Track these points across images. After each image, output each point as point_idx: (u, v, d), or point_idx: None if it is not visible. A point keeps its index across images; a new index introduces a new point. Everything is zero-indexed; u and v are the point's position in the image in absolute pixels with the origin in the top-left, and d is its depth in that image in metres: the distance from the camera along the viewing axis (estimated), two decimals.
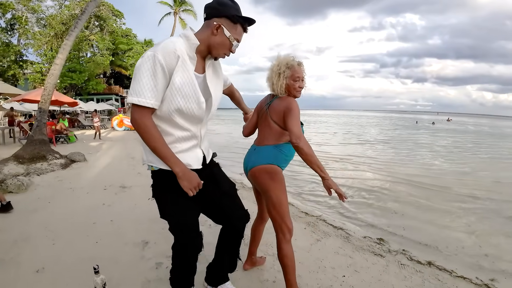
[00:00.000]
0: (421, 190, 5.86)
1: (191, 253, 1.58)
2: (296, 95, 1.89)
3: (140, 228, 3.13)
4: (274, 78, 1.85)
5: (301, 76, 1.86)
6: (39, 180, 5.10)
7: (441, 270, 2.63)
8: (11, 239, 2.81)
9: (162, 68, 1.26)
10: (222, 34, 1.38)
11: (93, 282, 1.80)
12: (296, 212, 3.91)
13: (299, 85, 1.86)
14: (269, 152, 1.86)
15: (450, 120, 58.68)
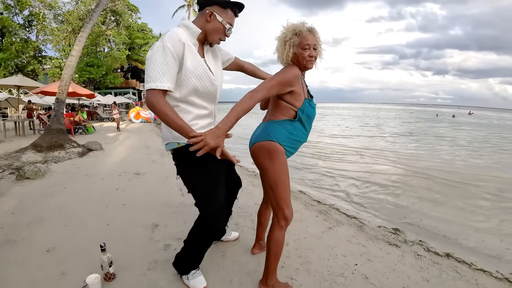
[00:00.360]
0: (442, 183, 5.63)
1: (219, 225, 1.67)
2: (307, 66, 1.65)
3: (151, 211, 3.15)
4: (280, 47, 1.66)
5: (311, 44, 1.61)
6: (56, 167, 5.23)
7: (460, 262, 2.49)
8: (24, 222, 2.88)
9: (172, 55, 1.39)
10: (215, 20, 1.51)
11: (99, 260, 1.81)
12: (308, 200, 3.83)
13: (309, 53, 1.61)
14: (271, 127, 1.67)
15: (472, 113, 56.39)
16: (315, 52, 1.64)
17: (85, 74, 24.64)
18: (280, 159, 1.63)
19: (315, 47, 1.63)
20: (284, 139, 1.64)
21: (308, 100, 1.67)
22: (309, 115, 1.69)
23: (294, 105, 1.64)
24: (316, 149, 9.05)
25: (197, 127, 1.58)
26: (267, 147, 1.63)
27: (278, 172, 1.63)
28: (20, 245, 2.42)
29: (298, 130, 1.69)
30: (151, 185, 4.19)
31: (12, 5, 23.59)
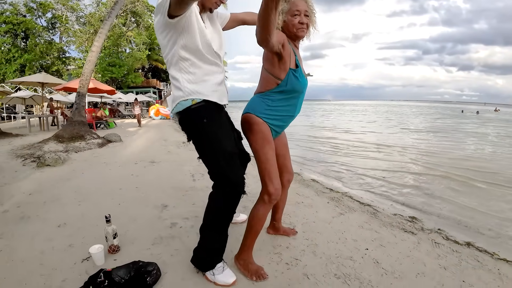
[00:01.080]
0: (464, 173, 5.37)
1: (242, 190, 1.60)
2: (298, 34, 1.55)
3: (162, 194, 3.19)
4: None
5: (301, 10, 1.51)
6: (76, 156, 5.41)
7: (482, 251, 2.32)
8: (41, 201, 3.01)
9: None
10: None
11: (104, 231, 1.83)
12: (320, 188, 3.73)
13: (299, 20, 1.52)
14: (252, 101, 1.66)
15: (498, 110, 53.47)
16: (306, 19, 1.54)
17: (107, 74, 25.40)
18: (258, 131, 1.57)
19: (306, 14, 1.54)
20: (262, 111, 1.59)
21: (292, 71, 1.54)
22: (293, 86, 1.57)
23: (278, 77, 1.54)
24: (333, 144, 8.88)
25: (216, 81, 1.57)
26: (247, 120, 1.61)
27: (258, 144, 1.57)
28: (34, 221, 2.51)
29: (280, 102, 1.60)
30: (165, 171, 4.26)
31: (35, 8, 24.69)
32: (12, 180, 3.92)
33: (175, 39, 1.44)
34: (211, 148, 1.52)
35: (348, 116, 25.25)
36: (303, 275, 1.75)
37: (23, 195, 3.24)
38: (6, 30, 22.99)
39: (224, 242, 1.66)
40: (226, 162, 1.50)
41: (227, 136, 1.58)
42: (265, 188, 1.58)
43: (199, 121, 1.50)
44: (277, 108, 1.61)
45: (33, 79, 11.48)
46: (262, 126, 1.58)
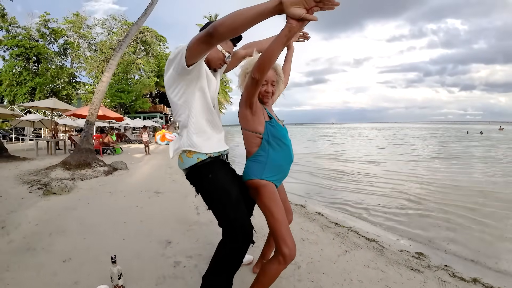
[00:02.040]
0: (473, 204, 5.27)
1: (250, 239, 1.56)
2: (263, 100, 1.66)
3: (166, 228, 3.18)
4: (240, 77, 1.68)
5: (269, 80, 1.62)
6: (82, 184, 5.46)
7: (488, 287, 2.30)
8: (46, 232, 3.04)
9: None
10: (216, 49, 1.61)
11: (109, 272, 1.84)
12: (325, 222, 3.71)
13: (265, 89, 1.63)
14: (247, 166, 1.66)
15: (502, 129, 53.02)
16: (273, 88, 1.65)
17: (116, 99, 26.08)
18: (266, 193, 1.57)
19: (273, 83, 1.64)
20: (262, 172, 1.59)
21: (268, 122, 1.62)
22: (275, 135, 1.62)
23: (257, 131, 1.61)
24: (338, 173, 8.83)
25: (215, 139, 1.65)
26: (253, 186, 1.61)
27: (267, 206, 1.56)
28: (39, 254, 2.53)
29: (274, 154, 1.62)
30: (169, 203, 4.26)
31: (47, 34, 25.84)
32: (19, 207, 3.98)
33: (185, 99, 1.54)
34: (219, 201, 1.56)
35: (353, 142, 25.13)
36: None
37: (29, 225, 3.28)
38: (18, 53, 23.88)
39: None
40: (234, 212, 1.53)
41: (232, 185, 1.60)
42: (279, 249, 1.51)
43: (205, 177, 1.57)
44: (273, 160, 1.62)
45: (43, 104, 11.81)
46: (268, 187, 1.58)
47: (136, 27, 8.62)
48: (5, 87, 24.51)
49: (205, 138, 1.59)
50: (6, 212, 3.76)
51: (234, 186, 1.61)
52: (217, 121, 1.69)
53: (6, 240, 2.86)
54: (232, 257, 1.55)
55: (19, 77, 24.31)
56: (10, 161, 8.67)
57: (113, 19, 27.79)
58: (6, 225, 3.28)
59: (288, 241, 1.50)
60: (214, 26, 1.17)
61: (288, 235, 1.52)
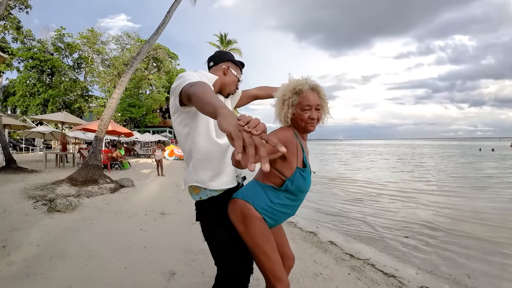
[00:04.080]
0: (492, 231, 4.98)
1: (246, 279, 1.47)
2: (308, 128, 1.45)
3: (170, 256, 3.01)
4: (278, 106, 1.47)
5: (313, 104, 1.41)
6: (87, 201, 5.35)
7: None
8: (48, 255, 2.92)
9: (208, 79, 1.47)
10: (231, 74, 1.65)
11: None
12: (339, 253, 3.49)
13: (309, 115, 1.41)
14: (253, 188, 1.44)
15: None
16: (318, 114, 1.44)
17: (127, 114, 26.42)
18: (256, 227, 1.36)
19: (318, 108, 1.44)
20: (263, 206, 1.39)
21: (300, 170, 1.41)
22: (299, 187, 1.41)
23: (283, 174, 1.40)
24: (351, 195, 8.55)
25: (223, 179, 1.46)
26: (242, 210, 1.38)
27: (255, 240, 1.36)
28: (39, 280, 2.41)
29: (282, 201, 1.42)
30: (175, 226, 4.10)
31: (62, 48, 26.59)
32: (21, 225, 3.90)
33: (188, 130, 1.43)
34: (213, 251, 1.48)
35: (364, 161, 24.59)
36: None
37: (31, 245, 3.18)
38: (32, 65, 24.51)
39: None
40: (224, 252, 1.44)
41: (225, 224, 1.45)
42: (275, 286, 1.37)
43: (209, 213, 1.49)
44: (280, 206, 1.42)
45: (54, 118, 11.95)
46: (261, 224, 1.38)
47: (148, 45, 8.75)
48: (18, 97, 25.09)
49: (212, 173, 1.43)
50: (9, 230, 3.68)
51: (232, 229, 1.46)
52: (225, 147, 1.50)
53: (6, 261, 2.77)
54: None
55: (33, 89, 24.88)
56: (17, 173, 8.73)
57: (127, 36, 28.52)
58: (7, 244, 3.19)
59: (283, 278, 1.38)
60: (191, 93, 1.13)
61: (282, 273, 1.39)
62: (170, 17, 9.11)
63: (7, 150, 9.96)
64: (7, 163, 9.49)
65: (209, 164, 1.43)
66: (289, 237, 3.91)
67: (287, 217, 1.52)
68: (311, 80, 1.47)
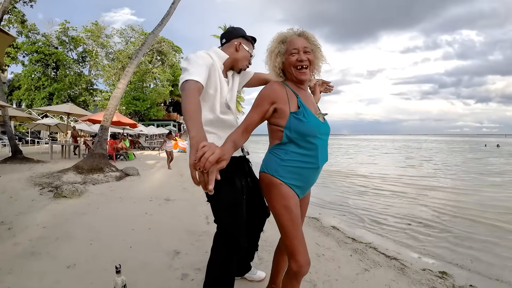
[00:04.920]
0: (496, 218, 4.98)
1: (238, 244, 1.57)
2: (298, 76, 1.37)
3: (174, 238, 3.06)
4: (268, 58, 1.43)
5: (299, 47, 1.34)
6: (93, 188, 5.42)
7: None
8: (53, 236, 2.96)
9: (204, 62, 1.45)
10: (243, 49, 1.73)
11: (113, 282, 1.72)
12: (341, 237, 3.51)
13: (297, 58, 1.33)
14: (265, 157, 1.43)
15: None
16: (308, 56, 1.35)
17: (131, 107, 26.53)
18: (276, 194, 1.33)
19: (306, 50, 1.35)
20: (275, 168, 1.35)
21: (293, 114, 1.32)
22: (300, 131, 1.31)
23: (280, 125, 1.35)
24: (354, 185, 8.54)
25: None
26: (262, 179, 1.40)
27: (276, 209, 1.33)
28: (44, 258, 2.46)
29: (293, 156, 1.34)
30: (179, 211, 4.15)
31: (67, 42, 26.70)
32: (28, 209, 3.95)
33: None
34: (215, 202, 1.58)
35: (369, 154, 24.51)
36: None
37: (37, 227, 3.24)
38: (37, 59, 24.74)
39: None
40: (226, 212, 1.55)
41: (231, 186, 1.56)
42: (292, 259, 1.32)
43: None
44: (293, 161, 1.34)
45: (60, 109, 12.05)
46: (280, 189, 1.33)
47: (153, 36, 8.74)
48: (23, 91, 25.31)
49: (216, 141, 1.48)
50: (15, 214, 3.73)
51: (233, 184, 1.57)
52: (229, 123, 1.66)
53: (12, 242, 2.81)
54: (220, 265, 1.56)
55: (38, 82, 25.07)
56: (24, 163, 8.84)
57: (131, 29, 28.51)
58: (13, 227, 3.24)
59: (299, 256, 1.29)
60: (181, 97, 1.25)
61: (299, 249, 1.30)
62: (175, 8, 9.06)
63: (13, 141, 10.12)
64: (13, 153, 9.63)
65: (212, 134, 1.59)
66: None
67: (315, 171, 1.40)
68: (298, 27, 1.43)
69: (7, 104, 9.53)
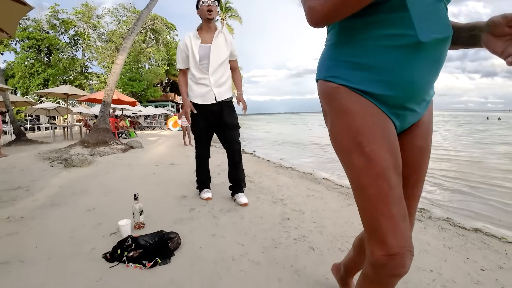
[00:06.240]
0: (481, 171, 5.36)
1: (204, 160, 2.90)
2: None
3: (181, 187, 3.44)
4: None
5: None
6: (101, 159, 5.75)
7: (489, 236, 2.32)
8: (70, 192, 3.29)
9: (180, 50, 2.68)
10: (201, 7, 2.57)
11: (132, 208, 2.05)
12: (331, 184, 3.86)
13: None
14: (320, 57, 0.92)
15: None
16: None
17: (128, 88, 26.47)
18: (336, 111, 0.82)
19: None
20: (330, 65, 0.85)
21: None
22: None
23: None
24: None
25: (195, 94, 2.65)
26: (319, 91, 0.89)
27: (338, 142, 0.83)
28: (64, 207, 2.76)
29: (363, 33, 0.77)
30: (184, 171, 4.51)
31: (57, 25, 26.16)
32: (41, 177, 4.15)
33: None
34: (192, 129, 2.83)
35: None
36: (309, 248, 1.91)
37: (53, 188, 3.52)
38: (29, 45, 24.26)
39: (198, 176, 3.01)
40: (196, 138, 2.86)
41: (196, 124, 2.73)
42: (370, 245, 0.78)
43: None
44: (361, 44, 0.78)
45: (59, 91, 12.14)
46: (341, 101, 0.81)
47: (147, 10, 8.76)
48: (18, 79, 25.05)
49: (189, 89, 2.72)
50: (30, 180, 3.93)
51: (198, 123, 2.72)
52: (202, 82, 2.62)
53: (31, 199, 3.03)
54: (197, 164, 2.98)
55: (32, 69, 24.79)
56: (28, 144, 9.03)
57: (123, 8, 27.90)
58: (30, 189, 3.45)
59: (388, 238, 0.73)
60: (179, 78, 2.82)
61: (393, 220, 0.73)
62: None
63: (16, 124, 10.23)
64: (17, 136, 9.76)
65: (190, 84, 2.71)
66: (287, 175, 4.29)
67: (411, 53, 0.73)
68: None
69: (8, 87, 9.67)
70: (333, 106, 0.83)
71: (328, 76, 0.84)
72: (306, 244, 1.96)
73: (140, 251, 1.67)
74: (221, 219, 2.40)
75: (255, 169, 4.72)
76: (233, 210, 2.61)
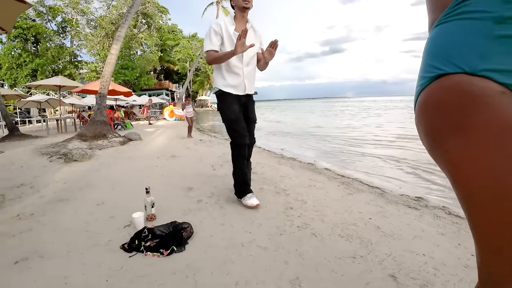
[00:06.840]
0: None
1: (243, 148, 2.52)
2: None
3: (186, 180, 3.54)
4: None
5: None
6: (100, 153, 5.79)
7: None
8: (76, 187, 3.33)
9: (215, 32, 2.43)
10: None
11: (144, 201, 2.15)
12: (332, 174, 3.97)
13: None
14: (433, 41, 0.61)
15: None
16: None
17: (120, 77, 26.02)
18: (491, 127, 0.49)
19: None
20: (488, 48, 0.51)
21: None
22: None
23: None
24: (350, 139, 8.98)
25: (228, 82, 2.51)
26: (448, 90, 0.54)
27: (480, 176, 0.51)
28: (73, 202, 2.82)
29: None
30: (186, 163, 4.61)
31: (44, 12, 25.40)
32: (43, 173, 4.08)
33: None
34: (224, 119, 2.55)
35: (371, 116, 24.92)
36: (311, 234, 2.05)
37: (58, 183, 3.52)
38: (16, 35, 23.53)
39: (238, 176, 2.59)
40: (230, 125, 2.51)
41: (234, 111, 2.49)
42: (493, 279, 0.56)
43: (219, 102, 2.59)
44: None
45: (51, 82, 11.85)
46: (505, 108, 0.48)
47: None
48: (5, 70, 24.31)
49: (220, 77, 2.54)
50: (32, 177, 3.85)
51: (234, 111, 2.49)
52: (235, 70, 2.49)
53: (37, 196, 3.02)
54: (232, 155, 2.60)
55: (19, 59, 24.12)
56: (23, 139, 8.58)
57: None
58: (34, 186, 3.40)
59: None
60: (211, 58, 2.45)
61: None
62: None
63: (9, 118, 9.82)
64: (10, 131, 9.36)
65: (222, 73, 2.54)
66: (288, 166, 4.40)
67: None
68: None
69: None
70: (484, 120, 0.49)
71: (484, 69, 0.50)
72: (308, 231, 2.10)
73: (157, 240, 1.80)
74: (228, 209, 2.53)
75: (257, 159, 4.80)
76: (239, 200, 2.72)
